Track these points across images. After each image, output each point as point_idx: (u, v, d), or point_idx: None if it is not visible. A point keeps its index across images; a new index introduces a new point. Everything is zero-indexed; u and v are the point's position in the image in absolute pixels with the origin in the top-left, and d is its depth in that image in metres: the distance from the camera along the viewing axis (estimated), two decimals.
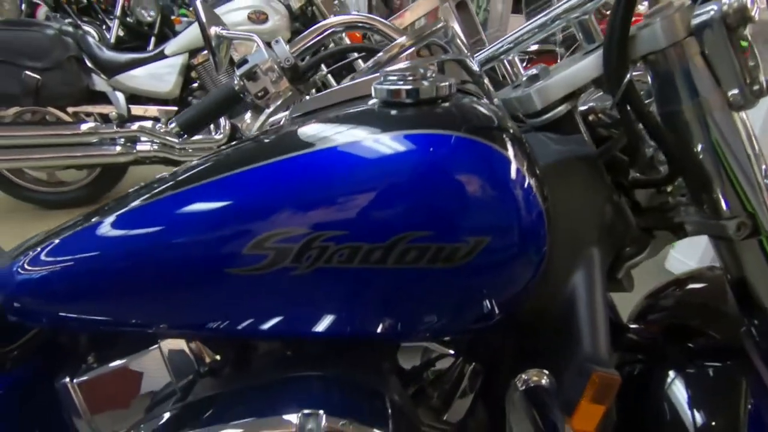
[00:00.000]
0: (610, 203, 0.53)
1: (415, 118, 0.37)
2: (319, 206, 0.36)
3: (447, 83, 0.37)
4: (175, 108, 2.46)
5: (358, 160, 0.36)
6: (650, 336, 0.71)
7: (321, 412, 0.38)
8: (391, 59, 0.48)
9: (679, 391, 0.62)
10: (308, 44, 0.70)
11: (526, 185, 0.36)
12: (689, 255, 2.01)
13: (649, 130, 0.49)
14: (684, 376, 0.62)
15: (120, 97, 2.35)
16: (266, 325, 0.39)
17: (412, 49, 0.47)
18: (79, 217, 0.45)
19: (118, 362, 0.46)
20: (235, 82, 0.69)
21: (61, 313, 0.42)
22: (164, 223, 0.39)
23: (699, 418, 0.58)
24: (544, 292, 0.49)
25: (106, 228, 0.41)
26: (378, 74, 0.42)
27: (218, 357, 0.46)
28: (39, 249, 0.43)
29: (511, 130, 0.38)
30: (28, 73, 2.02)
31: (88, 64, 2.26)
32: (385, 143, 0.35)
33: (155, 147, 2.33)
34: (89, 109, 2.34)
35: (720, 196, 0.49)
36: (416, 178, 0.35)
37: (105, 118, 2.36)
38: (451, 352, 0.52)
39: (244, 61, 0.68)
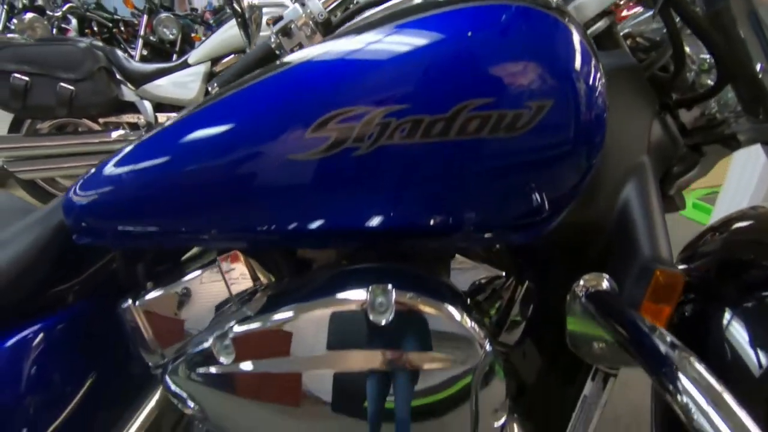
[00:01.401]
0: (657, 117, 0.52)
1: None
2: (378, 82, 0.36)
3: None
4: None
5: (414, 34, 0.36)
6: (700, 275, 0.69)
7: (390, 286, 0.38)
8: None
9: (737, 330, 0.58)
10: None
11: (591, 61, 0.37)
12: None
13: (695, 32, 0.48)
14: (742, 312, 0.59)
15: (147, 105, 2.43)
16: (323, 221, 0.40)
17: None
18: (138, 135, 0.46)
19: (178, 282, 0.47)
20: (272, 39, 0.72)
21: (123, 228, 0.44)
22: (227, 120, 0.40)
23: (764, 357, 0.55)
24: (596, 205, 0.48)
25: (163, 137, 0.43)
26: None
27: (274, 272, 0.47)
28: (100, 168, 0.45)
29: (573, 15, 0.39)
30: (62, 84, 2.12)
31: (117, 75, 2.36)
32: (442, 15, 0.36)
33: None
34: (119, 119, 2.44)
35: None
36: (476, 45, 0.35)
37: (134, 127, 2.45)
38: (503, 273, 0.52)
39: (280, 18, 0.70)
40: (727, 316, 0.60)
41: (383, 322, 0.38)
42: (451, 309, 0.40)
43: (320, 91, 0.38)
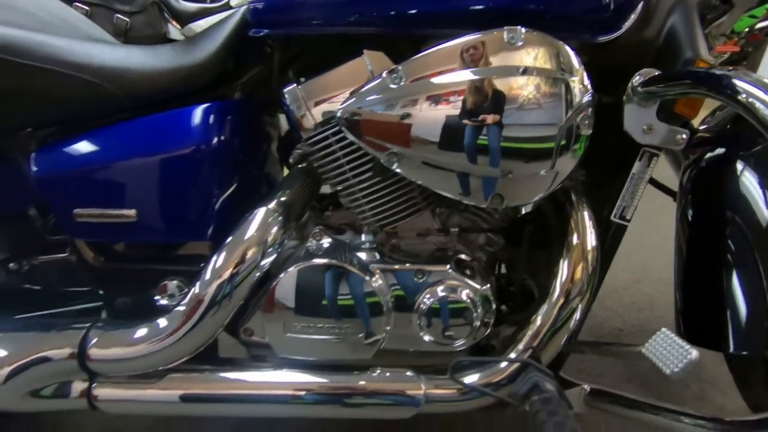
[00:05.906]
0: None
1: None
2: None
3: None
4: None
5: None
6: (720, 127, 0.82)
7: (520, 26, 0.53)
8: None
9: (749, 178, 0.70)
10: None
11: None
12: None
13: None
14: (753, 158, 0.71)
15: None
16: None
17: None
18: None
19: (331, 71, 0.62)
20: None
21: (291, 16, 0.60)
22: None
23: None
24: (650, 27, 0.63)
25: None
26: None
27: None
28: None
29: None
30: (119, 15, 2.26)
31: (165, 13, 2.49)
32: None
33: None
34: None
35: None
36: None
37: None
38: None
39: None
40: (739, 166, 0.72)
41: (516, 45, 0.53)
42: (572, 51, 0.55)
43: None
